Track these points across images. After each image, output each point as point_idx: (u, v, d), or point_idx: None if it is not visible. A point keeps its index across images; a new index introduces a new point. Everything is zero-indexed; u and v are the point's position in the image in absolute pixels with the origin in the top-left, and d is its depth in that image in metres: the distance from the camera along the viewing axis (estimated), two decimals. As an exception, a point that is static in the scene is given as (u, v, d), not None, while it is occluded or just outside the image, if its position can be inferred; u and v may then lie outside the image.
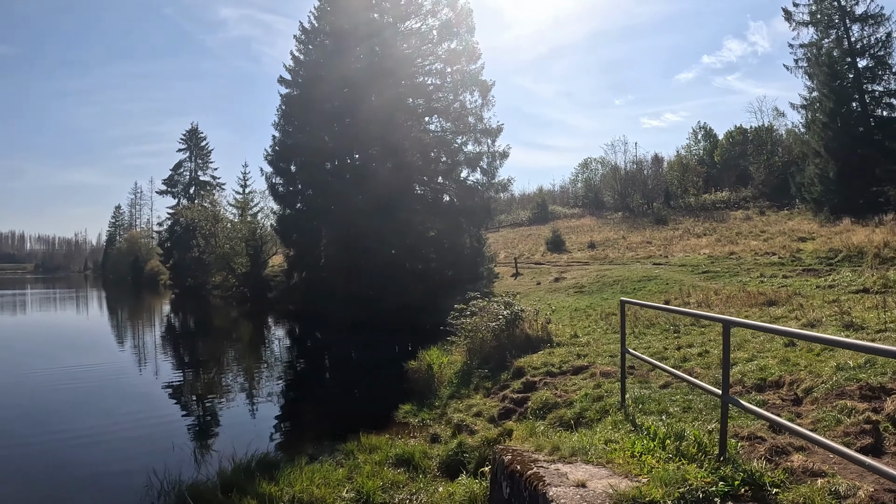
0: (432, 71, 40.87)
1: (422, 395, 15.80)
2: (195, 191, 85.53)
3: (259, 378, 22.34)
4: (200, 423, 15.69)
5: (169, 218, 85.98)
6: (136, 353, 28.72)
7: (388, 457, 10.85)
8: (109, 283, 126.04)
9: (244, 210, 66.71)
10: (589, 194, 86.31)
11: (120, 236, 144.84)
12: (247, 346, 31.21)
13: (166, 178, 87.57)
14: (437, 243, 37.76)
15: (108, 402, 17.68)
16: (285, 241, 46.68)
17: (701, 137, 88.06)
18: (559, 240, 51.99)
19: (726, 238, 42.98)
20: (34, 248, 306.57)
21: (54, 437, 14.03)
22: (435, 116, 40.45)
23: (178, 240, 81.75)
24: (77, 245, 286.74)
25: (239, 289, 59.85)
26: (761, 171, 67.33)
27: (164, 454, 12.47)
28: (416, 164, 39.08)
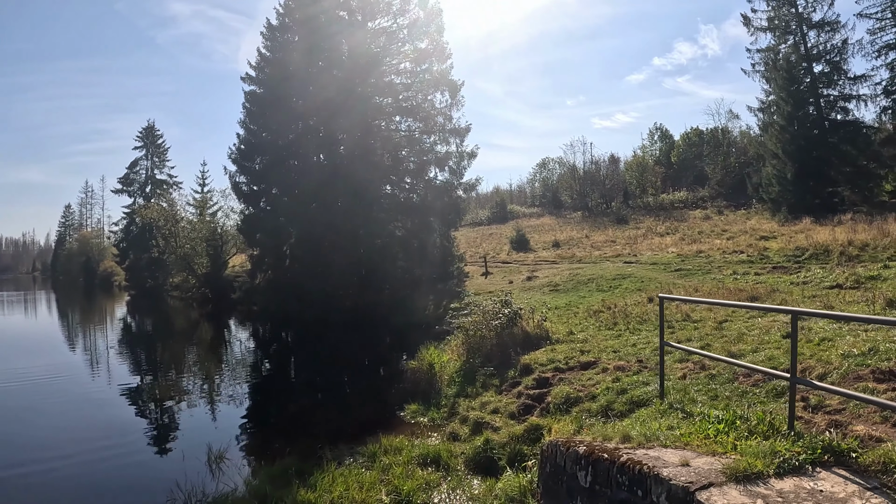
0: (401, 70, 40.78)
1: (424, 394, 15.77)
2: (151, 190, 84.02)
3: (239, 381, 22.23)
4: (188, 430, 15.51)
5: (125, 217, 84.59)
6: (121, 358, 28.37)
7: (413, 457, 10.93)
8: (60, 284, 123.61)
9: (203, 209, 65.75)
10: (547, 194, 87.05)
11: (70, 236, 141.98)
12: (215, 349, 31.09)
13: (122, 177, 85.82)
14: (406, 242, 37.64)
15: (106, 412, 17.56)
16: (249, 241, 46.12)
17: (657, 138, 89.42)
18: (524, 239, 52.30)
19: (689, 237, 43.67)
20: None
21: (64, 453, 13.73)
22: (404, 116, 40.37)
23: (134, 240, 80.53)
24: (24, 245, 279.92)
25: (200, 290, 58.94)
26: (717, 171, 68.60)
27: (172, 465, 12.52)
28: (385, 164, 38.99)
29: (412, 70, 40.29)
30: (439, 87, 39.09)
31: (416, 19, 39.77)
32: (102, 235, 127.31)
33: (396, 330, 28.90)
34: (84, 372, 24.21)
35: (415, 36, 40.01)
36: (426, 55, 39.42)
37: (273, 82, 43.20)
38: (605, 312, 18.95)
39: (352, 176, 37.57)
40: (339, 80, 39.70)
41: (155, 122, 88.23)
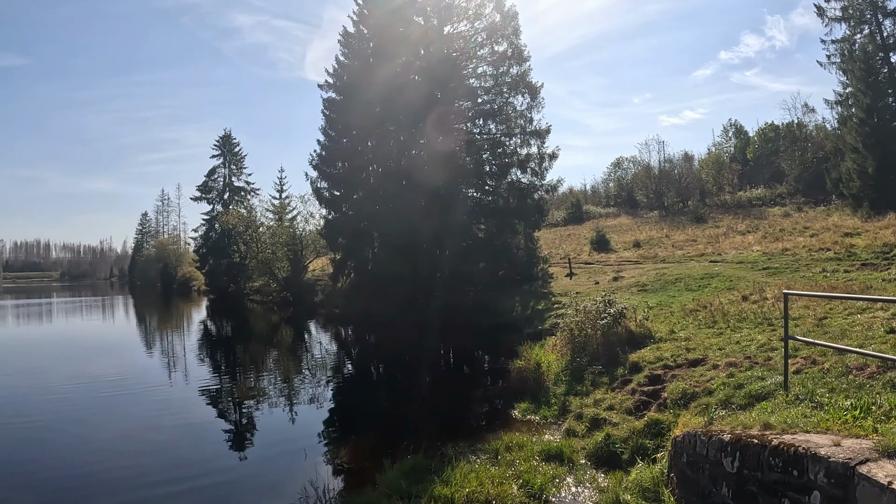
0: (480, 73, 41.41)
1: (532, 393, 15.90)
2: (230, 196, 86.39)
3: (331, 382, 22.56)
4: (300, 429, 15.85)
5: (204, 224, 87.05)
6: (206, 360, 29.17)
7: (535, 453, 11.15)
8: (137, 289, 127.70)
9: (282, 215, 67.23)
10: (622, 193, 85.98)
11: (147, 243, 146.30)
12: (299, 351, 31.54)
13: (200, 185, 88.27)
14: (490, 244, 38.33)
15: (221, 412, 18.21)
16: (331, 245, 47.22)
17: (732, 135, 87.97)
18: (604, 239, 52.00)
19: (772, 235, 42.96)
20: (59, 256, 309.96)
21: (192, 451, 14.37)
22: (484, 119, 40.84)
23: (213, 245, 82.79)
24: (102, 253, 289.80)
25: (280, 293, 60.47)
26: (795, 167, 67.12)
27: (296, 461, 12.90)
28: (467, 167, 39.72)
29: (491, 73, 40.84)
30: (518, 90, 39.63)
31: (493, 22, 40.25)
32: (180, 241, 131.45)
33: (483, 332, 29.31)
34: (169, 374, 24.89)
35: (492, 39, 40.48)
36: (504, 58, 39.94)
37: (351, 89, 44.15)
38: (702, 311, 18.98)
39: (433, 179, 38.31)
40: (417, 85, 40.47)
41: (231, 131, 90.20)
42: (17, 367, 26.41)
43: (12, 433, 15.39)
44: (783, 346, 10.07)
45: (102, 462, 13.07)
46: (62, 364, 27.07)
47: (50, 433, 15.30)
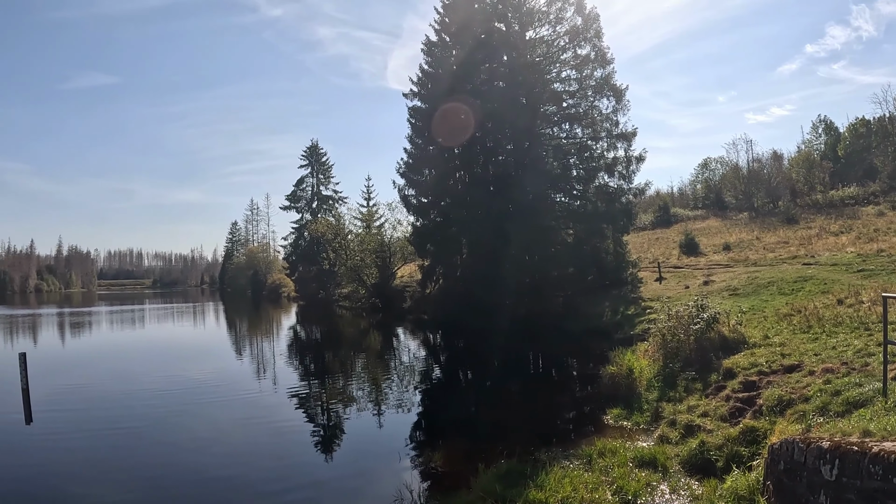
0: (564, 77, 41.57)
1: (625, 399, 16.05)
2: (318, 205, 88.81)
3: (427, 387, 23.21)
4: (389, 433, 16.25)
5: (293, 232, 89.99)
6: (307, 365, 30.27)
7: (628, 459, 11.27)
8: (228, 296, 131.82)
9: (370, 222, 68.64)
10: (710, 195, 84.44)
11: (237, 251, 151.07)
12: (393, 357, 32.26)
13: (289, 194, 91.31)
14: (578, 249, 38.35)
15: (287, 415, 18.63)
16: (420, 252, 48.07)
17: (822, 131, 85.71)
18: (693, 242, 51.36)
19: (866, 235, 41.98)
20: (152, 264, 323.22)
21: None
22: (570, 123, 40.91)
23: (302, 253, 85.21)
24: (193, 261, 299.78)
25: (369, 299, 61.76)
26: (888, 163, 65.03)
27: (387, 464, 13.41)
28: (554, 172, 39.99)
29: (575, 77, 40.89)
30: (603, 93, 39.51)
31: (575, 26, 40.24)
32: (269, 249, 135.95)
33: (571, 337, 29.38)
34: (258, 378, 25.81)
35: (575, 43, 40.51)
36: (587, 61, 39.96)
37: (436, 97, 44.80)
38: (796, 316, 18.83)
39: (520, 185, 38.74)
40: (501, 91, 41.09)
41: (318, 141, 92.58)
42: (111, 371, 27.78)
43: (108, 434, 16.10)
44: (882, 351, 10.15)
45: (193, 463, 13.75)
46: (155, 368, 28.19)
47: (143, 435, 16.05)
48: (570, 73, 41.09)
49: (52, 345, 40.68)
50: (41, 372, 21.08)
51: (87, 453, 14.41)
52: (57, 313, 78.62)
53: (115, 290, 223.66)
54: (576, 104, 40.50)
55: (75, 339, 45.97)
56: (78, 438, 15.68)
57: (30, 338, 45.89)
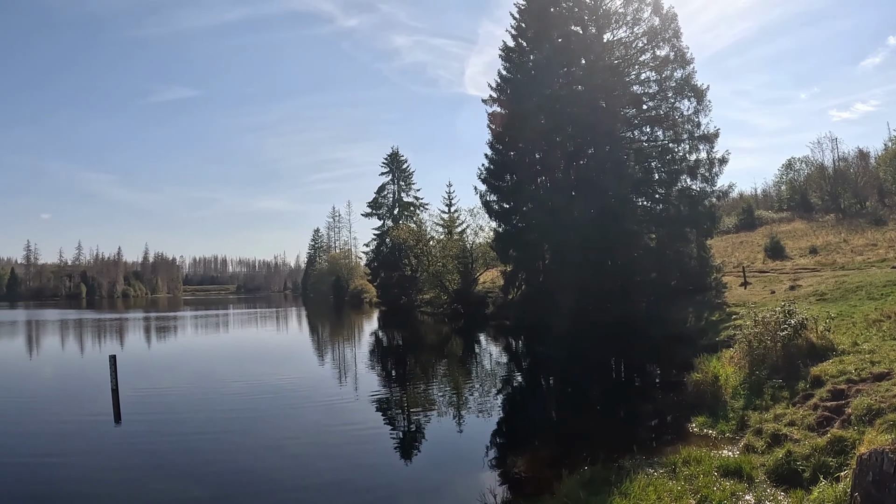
0: (643, 79, 41.61)
1: (710, 407, 16.02)
2: (399, 212, 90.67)
3: (508, 393, 23.56)
4: (470, 438, 16.55)
5: (375, 238, 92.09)
6: (388, 370, 31.03)
7: (713, 468, 11.15)
8: (310, 301, 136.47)
9: (451, 228, 69.82)
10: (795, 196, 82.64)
11: (320, 258, 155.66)
12: (475, 362, 32.85)
13: (370, 201, 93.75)
14: (661, 254, 38.48)
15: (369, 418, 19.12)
16: (502, 258, 48.77)
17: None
18: (778, 246, 50.52)
19: (960, 237, 40.98)
20: (235, 270, 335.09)
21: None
22: (650, 125, 41.09)
23: (384, 259, 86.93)
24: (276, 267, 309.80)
25: (451, 305, 62.91)
26: (982, 160, 62.91)
27: (469, 469, 13.80)
28: (636, 176, 40.11)
29: (654, 78, 40.94)
30: (684, 94, 39.38)
31: (652, 26, 40.34)
32: (351, 255, 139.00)
33: (654, 343, 29.56)
34: (340, 381, 26.82)
35: (653, 44, 40.63)
36: (667, 62, 39.94)
37: (515, 102, 45.59)
38: (886, 322, 18.27)
39: (602, 189, 39.09)
40: (581, 94, 41.51)
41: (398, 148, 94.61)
42: (196, 374, 29.23)
43: (191, 436, 16.84)
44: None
45: (273, 466, 14.19)
46: (238, 372, 29.46)
47: (225, 437, 16.79)
48: (650, 75, 41.13)
49: (139, 348, 42.75)
50: (128, 374, 22.22)
51: (171, 453, 15.18)
52: (143, 317, 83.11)
53: (200, 296, 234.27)
54: (656, 106, 40.56)
55: (161, 342, 48.23)
56: (163, 438, 16.49)
57: (117, 341, 48.53)
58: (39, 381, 28.51)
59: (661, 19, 39.97)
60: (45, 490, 12.41)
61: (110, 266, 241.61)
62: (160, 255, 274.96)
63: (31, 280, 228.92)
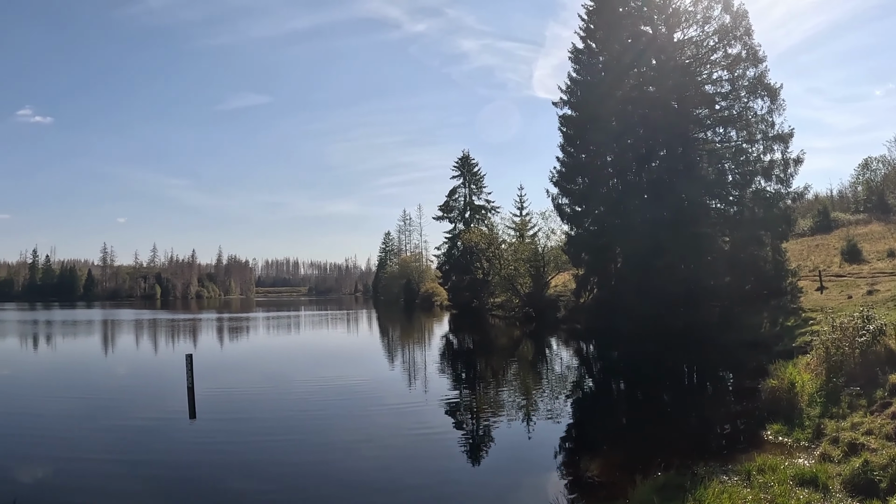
0: (715, 79, 41.44)
1: (785, 414, 15.91)
2: (471, 215, 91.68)
3: (578, 398, 23.89)
4: (539, 442, 16.82)
5: (446, 242, 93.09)
6: (458, 373, 31.46)
7: (788, 477, 11.09)
8: (381, 304, 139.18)
9: (523, 232, 70.45)
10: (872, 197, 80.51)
11: (390, 261, 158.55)
12: (548, 366, 33.40)
13: (442, 205, 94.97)
14: (734, 258, 38.26)
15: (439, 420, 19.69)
16: (574, 261, 49.47)
17: None
18: (855, 249, 49.29)
19: None
20: (307, 272, 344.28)
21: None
22: (723, 126, 40.93)
23: (455, 262, 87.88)
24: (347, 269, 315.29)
25: (523, 309, 63.66)
26: None
27: (539, 472, 14.12)
28: (709, 178, 40.07)
29: (727, 78, 40.69)
30: (757, 93, 39.10)
31: (723, 24, 40.12)
32: (422, 259, 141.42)
33: (727, 349, 29.58)
34: (409, 383, 27.60)
35: (724, 42, 40.41)
36: (738, 60, 39.69)
37: (585, 104, 46.35)
38: None
39: (674, 192, 39.41)
40: (652, 95, 41.83)
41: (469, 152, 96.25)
42: (268, 374, 30.43)
43: (263, 433, 17.56)
44: None
45: (341, 465, 14.63)
46: (309, 372, 30.52)
47: (295, 436, 17.27)
48: (722, 74, 40.92)
49: (212, 348, 44.68)
50: (202, 373, 23.02)
51: (245, 451, 15.74)
52: (216, 318, 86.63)
53: (272, 297, 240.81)
54: (729, 106, 40.36)
55: (233, 342, 50.33)
56: (236, 436, 17.23)
57: (191, 341, 50.77)
58: (117, 378, 30.15)
59: (732, 17, 39.77)
60: (126, 483, 13.17)
61: (184, 268, 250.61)
62: (233, 258, 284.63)
63: (108, 281, 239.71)
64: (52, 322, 75.36)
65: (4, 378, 29.90)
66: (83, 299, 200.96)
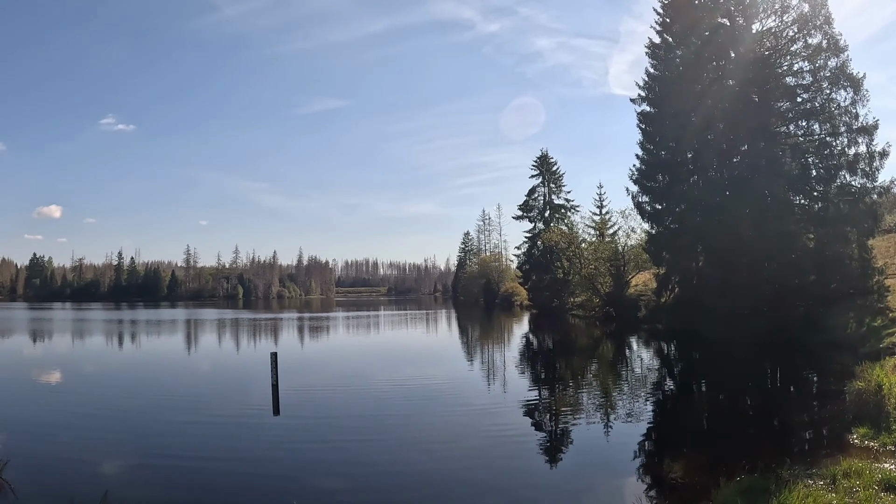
0: (795, 70, 40.99)
1: (872, 418, 15.64)
2: (550, 214, 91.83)
3: (659, 399, 23.78)
4: (618, 443, 16.76)
5: (526, 241, 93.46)
6: (537, 373, 31.43)
7: (874, 482, 10.93)
8: (460, 304, 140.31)
9: (602, 231, 70.48)
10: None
11: (470, 261, 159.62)
12: (628, 366, 33.41)
13: (521, 204, 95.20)
14: (818, 255, 37.76)
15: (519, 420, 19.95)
16: (655, 260, 49.69)
17: None
18: (946, 248, 48.29)
19: None
20: (386, 273, 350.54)
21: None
22: (805, 119, 40.46)
23: (535, 262, 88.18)
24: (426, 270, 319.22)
25: (603, 308, 63.78)
26: None
27: (618, 472, 14.18)
28: (792, 173, 39.53)
29: (808, 69, 40.18)
30: (839, 84, 38.46)
31: (802, 14, 39.49)
32: (501, 258, 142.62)
33: (811, 350, 29.62)
34: (488, 383, 27.86)
35: (804, 32, 39.79)
36: (819, 51, 39.12)
37: (664, 100, 46.48)
38: None
39: (757, 188, 39.34)
40: (731, 89, 41.64)
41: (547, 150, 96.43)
42: (348, 372, 31.11)
43: (343, 430, 17.98)
44: None
45: (423, 464, 14.80)
46: (388, 371, 31.15)
47: (375, 432, 17.68)
48: (802, 65, 40.43)
49: (293, 346, 45.96)
50: (283, 371, 23.49)
51: (326, 448, 16.24)
52: (297, 318, 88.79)
53: (352, 297, 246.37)
54: (810, 98, 39.78)
55: (314, 341, 51.65)
56: (318, 433, 17.77)
57: (272, 339, 52.54)
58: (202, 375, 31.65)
59: (811, 5, 39.17)
60: (214, 477, 13.80)
61: (266, 268, 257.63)
62: (313, 259, 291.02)
63: (191, 282, 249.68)
64: (137, 321, 78.48)
65: (93, 375, 31.41)
66: (167, 299, 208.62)
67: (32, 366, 34.52)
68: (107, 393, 24.90)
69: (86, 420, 19.51)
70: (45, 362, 36.39)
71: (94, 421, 19.37)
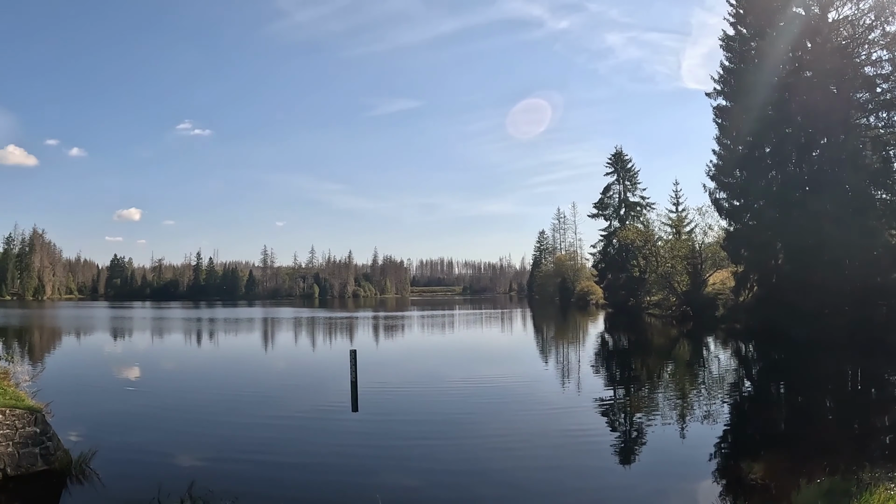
0: (875, 60, 40.01)
1: None
2: (626, 212, 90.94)
3: (736, 399, 23.60)
4: (694, 443, 16.65)
5: (601, 240, 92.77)
6: (612, 372, 31.15)
7: None
8: (535, 303, 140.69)
9: (679, 228, 69.92)
10: None
11: (545, 259, 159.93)
12: (705, 366, 32.93)
13: (596, 202, 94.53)
14: (906, 253, 36.84)
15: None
16: (733, 258, 48.99)
17: None
18: None
19: None
20: (461, 272, 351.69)
21: None
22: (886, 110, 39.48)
23: (611, 260, 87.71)
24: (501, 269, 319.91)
25: (680, 307, 63.46)
26: None
27: (693, 473, 14.16)
28: (874, 167, 38.81)
29: (887, 58, 39.28)
30: (926, 72, 37.41)
31: (879, 1, 38.66)
32: (577, 257, 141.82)
33: (893, 350, 29.18)
34: (563, 382, 28.07)
35: (881, 19, 38.81)
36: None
37: (740, 93, 45.76)
38: None
39: (838, 183, 38.54)
40: (809, 80, 40.87)
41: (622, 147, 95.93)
42: (423, 370, 31.62)
43: (419, 427, 18.32)
44: None
45: (499, 463, 14.88)
46: (463, 370, 31.31)
47: (450, 431, 17.85)
48: (881, 54, 39.53)
49: (370, 344, 46.36)
50: (360, 368, 23.77)
51: (404, 443, 16.54)
52: (372, 316, 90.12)
53: (427, 296, 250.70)
54: (891, 88, 39.02)
55: (389, 340, 52.10)
56: (395, 430, 17.94)
57: (349, 337, 53.43)
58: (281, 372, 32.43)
59: (889, -9, 38.18)
60: (295, 471, 14.14)
61: (341, 268, 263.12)
62: (388, 258, 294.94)
63: (268, 281, 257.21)
64: (216, 319, 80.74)
65: (175, 371, 32.57)
66: (245, 298, 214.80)
67: (116, 362, 35.69)
68: (188, 388, 25.97)
69: (168, 413, 20.31)
70: (129, 358, 37.57)
71: (176, 414, 20.19)
